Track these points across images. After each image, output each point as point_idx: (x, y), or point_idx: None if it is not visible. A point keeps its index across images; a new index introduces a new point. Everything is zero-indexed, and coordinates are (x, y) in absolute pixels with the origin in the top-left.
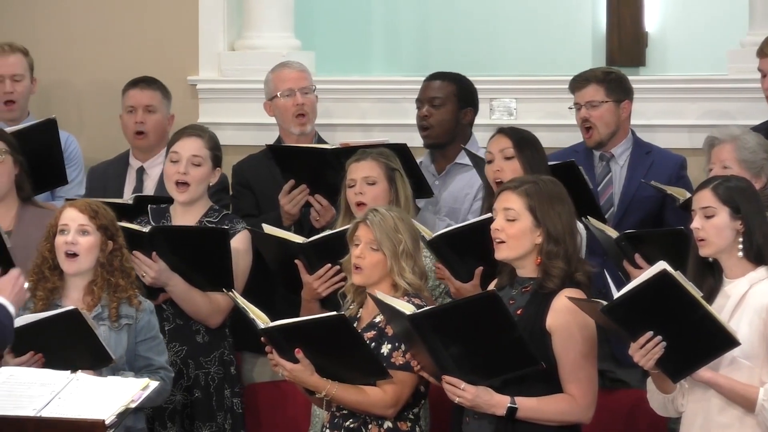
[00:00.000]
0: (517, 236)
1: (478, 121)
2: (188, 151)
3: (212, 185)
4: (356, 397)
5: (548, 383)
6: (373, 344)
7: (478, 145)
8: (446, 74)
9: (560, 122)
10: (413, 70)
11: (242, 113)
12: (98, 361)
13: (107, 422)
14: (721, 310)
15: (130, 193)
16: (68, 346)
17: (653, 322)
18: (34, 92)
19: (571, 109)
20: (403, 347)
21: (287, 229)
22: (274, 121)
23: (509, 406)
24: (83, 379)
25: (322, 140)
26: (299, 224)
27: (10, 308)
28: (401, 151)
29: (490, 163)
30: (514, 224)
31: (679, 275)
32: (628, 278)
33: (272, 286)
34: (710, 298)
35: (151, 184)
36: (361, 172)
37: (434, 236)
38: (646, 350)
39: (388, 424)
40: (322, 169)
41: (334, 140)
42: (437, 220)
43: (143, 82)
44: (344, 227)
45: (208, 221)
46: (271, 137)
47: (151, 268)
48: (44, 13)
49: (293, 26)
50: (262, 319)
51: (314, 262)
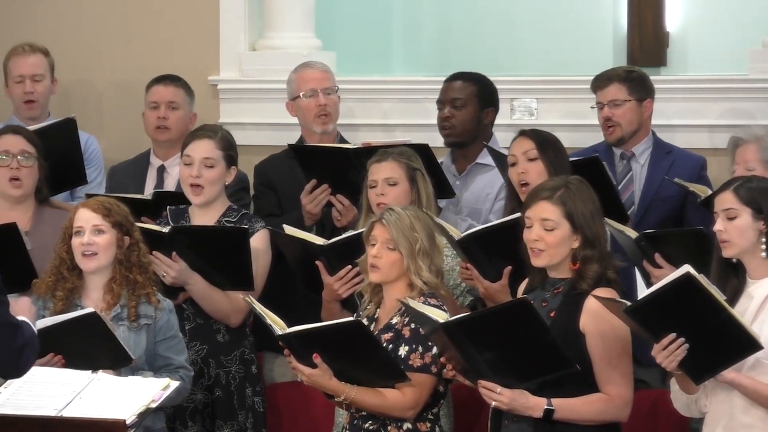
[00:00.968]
0: (556, 245)
1: (499, 121)
2: (200, 153)
3: (229, 185)
4: (375, 400)
5: (584, 383)
6: (390, 346)
7: (499, 145)
8: (467, 74)
9: (581, 122)
10: (434, 70)
11: (263, 113)
12: (118, 361)
13: (128, 422)
14: (744, 311)
15: (151, 191)
16: (88, 346)
17: (676, 324)
18: (54, 92)
19: (593, 108)
20: (420, 349)
21: (308, 229)
22: (294, 120)
23: (546, 408)
24: (104, 378)
25: (344, 140)
26: (321, 224)
27: (32, 325)
28: (423, 150)
29: (513, 165)
30: (552, 233)
31: (702, 278)
32: (648, 278)
33: (294, 285)
34: (734, 299)
35: (172, 182)
36: (382, 172)
37: (463, 236)
38: (668, 352)
39: (407, 425)
40: (344, 168)
41: (356, 140)
42: (459, 220)
43: (168, 78)
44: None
45: (226, 221)
46: (292, 137)
47: (171, 267)
48: (65, 13)
49: (314, 26)
50: (279, 324)
51: (335, 263)
